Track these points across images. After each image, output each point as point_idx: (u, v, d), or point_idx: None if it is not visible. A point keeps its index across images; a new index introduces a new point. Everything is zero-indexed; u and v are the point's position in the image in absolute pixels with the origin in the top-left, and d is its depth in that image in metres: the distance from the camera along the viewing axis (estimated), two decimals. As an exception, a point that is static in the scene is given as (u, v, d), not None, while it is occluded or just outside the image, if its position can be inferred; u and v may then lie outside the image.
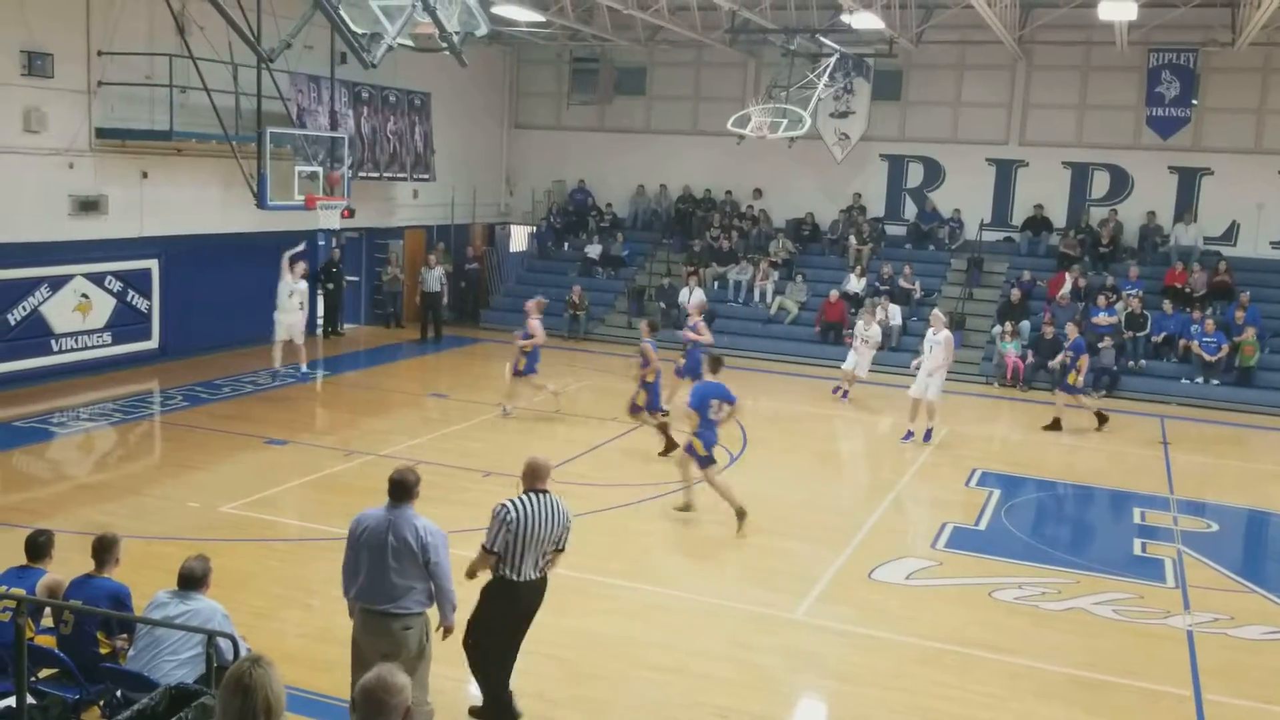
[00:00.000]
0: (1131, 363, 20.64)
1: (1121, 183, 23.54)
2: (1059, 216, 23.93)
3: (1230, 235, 22.88)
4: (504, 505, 6.69)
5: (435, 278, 22.93)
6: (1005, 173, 24.35)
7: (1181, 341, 20.57)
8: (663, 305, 23.48)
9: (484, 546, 6.71)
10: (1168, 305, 21.19)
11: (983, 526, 12.13)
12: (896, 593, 10.02)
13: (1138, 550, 11.58)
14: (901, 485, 13.77)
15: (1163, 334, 20.81)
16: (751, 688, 7.92)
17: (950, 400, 16.95)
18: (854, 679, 8.17)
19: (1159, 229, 23.18)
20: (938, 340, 15.61)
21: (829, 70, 21.97)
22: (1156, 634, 9.28)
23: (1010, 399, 19.76)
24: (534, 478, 6.83)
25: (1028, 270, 22.79)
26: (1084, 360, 16.85)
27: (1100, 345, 20.15)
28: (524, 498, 6.75)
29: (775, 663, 8.43)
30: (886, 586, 10.11)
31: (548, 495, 6.82)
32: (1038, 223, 23.97)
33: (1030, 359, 20.41)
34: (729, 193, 26.17)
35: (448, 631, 6.58)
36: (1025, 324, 21.43)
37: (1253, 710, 7.98)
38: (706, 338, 16.83)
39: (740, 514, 11.13)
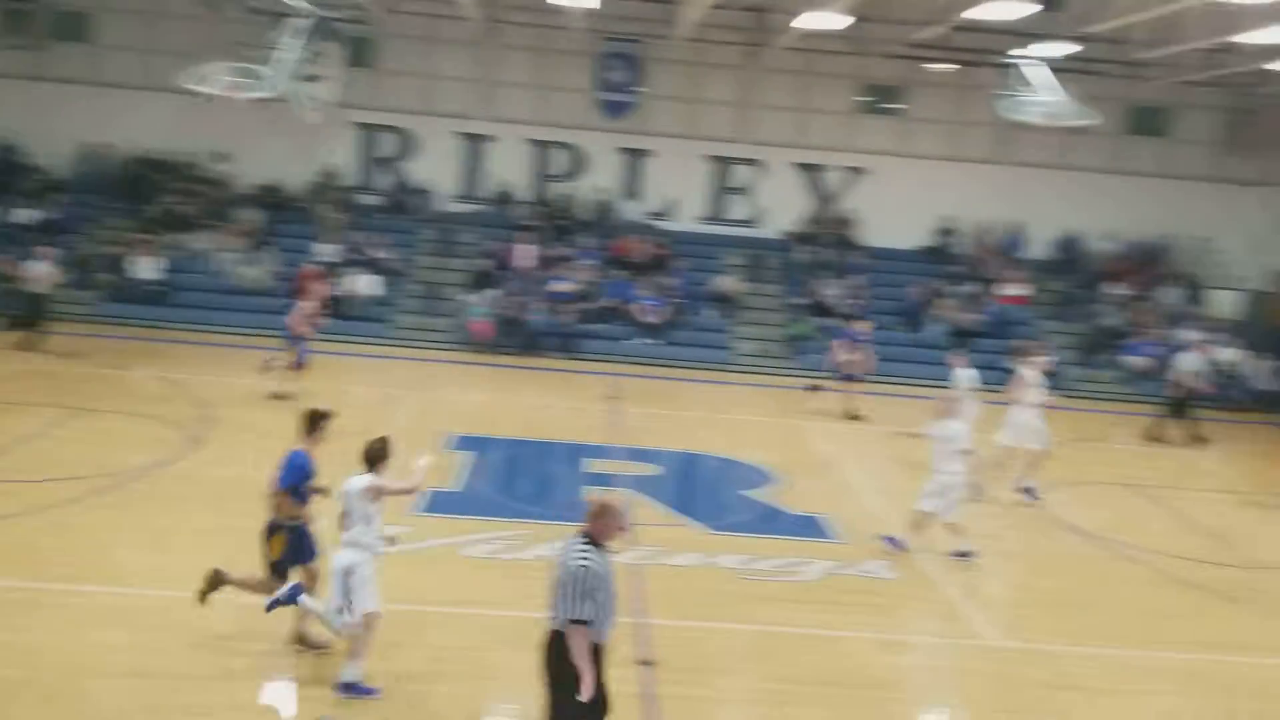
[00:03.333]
0: (588, 326, 22.52)
1: (578, 161, 25.44)
2: (523, 190, 25.35)
3: (668, 211, 25.68)
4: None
5: None
6: (474, 146, 25.27)
7: (628, 306, 22.83)
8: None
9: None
10: (618, 274, 23.39)
11: (459, 488, 12.67)
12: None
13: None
14: (379, 453, 13.92)
15: (613, 300, 22.95)
16: (222, 681, 7.66)
17: (425, 367, 17.41)
18: (325, 653, 8.18)
19: (610, 204, 25.41)
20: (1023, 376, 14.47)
21: (298, 32, 21.30)
22: (608, 571, 10.34)
23: (480, 364, 20.71)
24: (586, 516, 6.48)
25: (495, 241, 23.92)
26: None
27: (562, 312, 21.84)
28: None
29: (250, 650, 8.21)
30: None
31: (577, 539, 6.50)
32: (504, 196, 25.20)
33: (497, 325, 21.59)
34: (188, 155, 24.48)
35: None
36: (493, 292, 22.54)
37: (685, 627, 9.21)
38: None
39: None
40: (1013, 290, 24.04)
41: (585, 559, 6.24)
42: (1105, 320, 24.00)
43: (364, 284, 22.19)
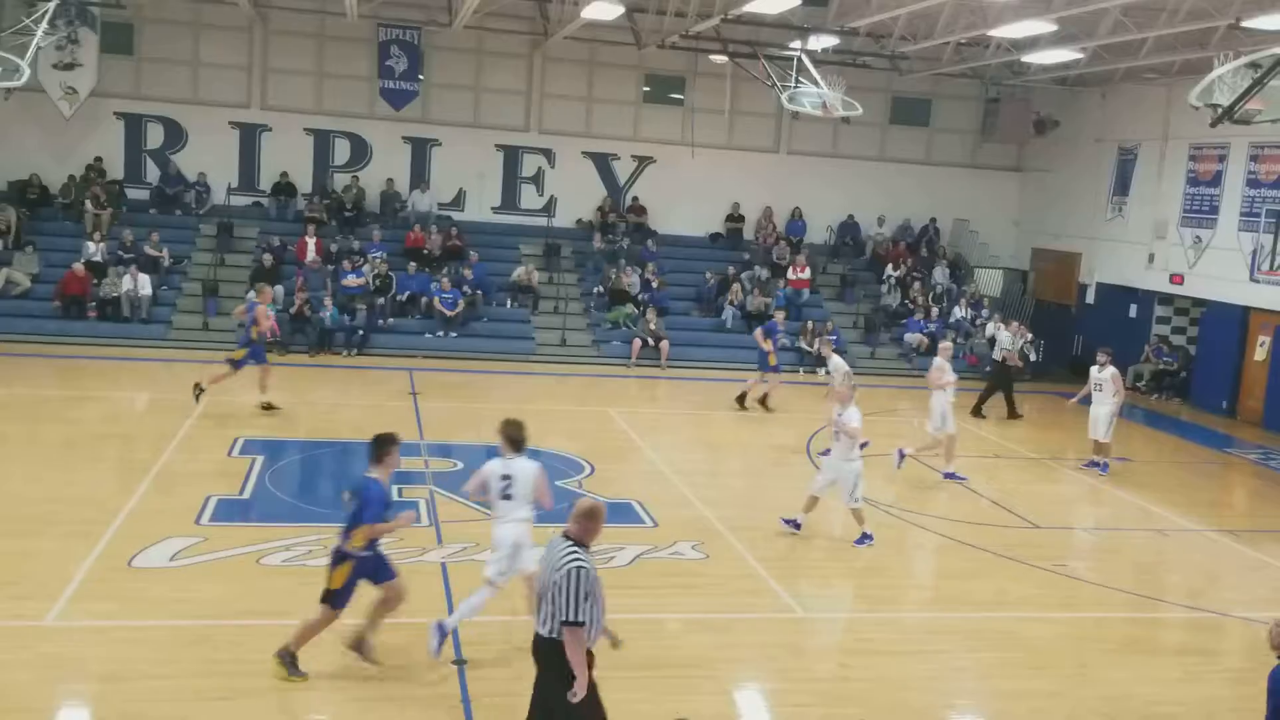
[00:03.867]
0: (381, 321, 21.95)
1: (361, 150, 24.73)
2: (305, 182, 24.44)
3: (459, 201, 25.34)
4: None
5: None
6: (250, 136, 24.17)
7: (424, 299, 22.38)
8: None
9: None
10: (411, 267, 22.88)
11: (247, 495, 12.11)
12: (161, 577, 9.60)
13: (395, 496, 12.40)
14: (161, 463, 13.14)
15: (407, 293, 22.45)
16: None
17: (208, 370, 16.54)
18: (117, 677, 7.69)
19: (398, 195, 24.83)
20: (1104, 377, 15.59)
21: (48, 16, 19.75)
22: (415, 570, 10.06)
23: (272, 363, 19.81)
24: (571, 517, 6.22)
25: (277, 235, 22.96)
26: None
27: (353, 307, 21.20)
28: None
29: (26, 678, 7.60)
30: (150, 572, 9.65)
31: (562, 542, 6.14)
32: (285, 188, 24.22)
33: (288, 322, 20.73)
34: (-74, 148, 22.41)
35: None
36: (279, 288, 21.61)
37: (497, 623, 9.07)
38: None
39: None
40: (798, 274, 24.97)
41: (580, 560, 6.00)
42: (884, 300, 25.29)
43: (136, 283, 20.86)
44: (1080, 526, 13.11)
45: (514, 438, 8.37)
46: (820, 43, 20.63)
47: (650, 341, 22.23)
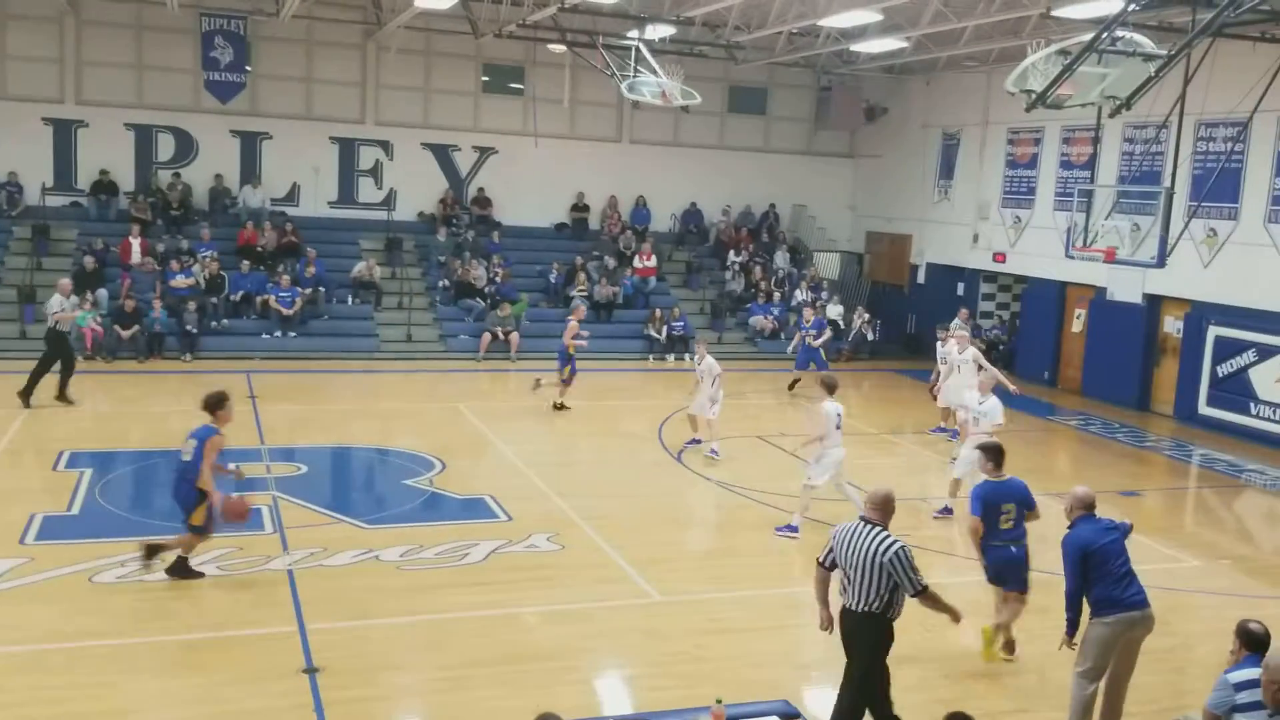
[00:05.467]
0: (214, 323, 21.10)
1: (187, 146, 23.69)
2: (127, 180, 23.27)
3: (293, 196, 24.55)
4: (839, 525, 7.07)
5: None
6: (65, 133, 22.87)
7: (260, 298, 21.61)
8: None
9: (817, 558, 7.17)
10: (245, 265, 22.06)
11: (76, 511, 11.49)
12: (-17, 602, 9.01)
13: (238, 504, 12.00)
14: (-23, 482, 12.35)
15: (241, 292, 21.64)
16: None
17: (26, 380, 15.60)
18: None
19: (228, 191, 23.89)
20: (946, 350, 16.46)
21: None
22: (260, 580, 9.78)
23: (95, 371, 18.85)
24: (869, 505, 6.95)
25: (99, 237, 21.80)
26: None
27: (184, 309, 20.33)
28: (854, 523, 6.92)
29: None
30: (-29, 598, 9.04)
31: (871, 528, 6.79)
32: (105, 186, 23.00)
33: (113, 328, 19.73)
34: None
35: None
36: (103, 291, 20.56)
37: (349, 628, 8.88)
38: None
39: None
40: (644, 262, 25.17)
41: (898, 540, 6.77)
42: (728, 286, 25.73)
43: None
44: (922, 497, 13.62)
45: (831, 384, 11.77)
46: (657, 32, 20.81)
47: (499, 334, 22.05)
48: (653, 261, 25.27)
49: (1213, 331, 18.49)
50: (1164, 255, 14.79)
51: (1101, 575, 7.06)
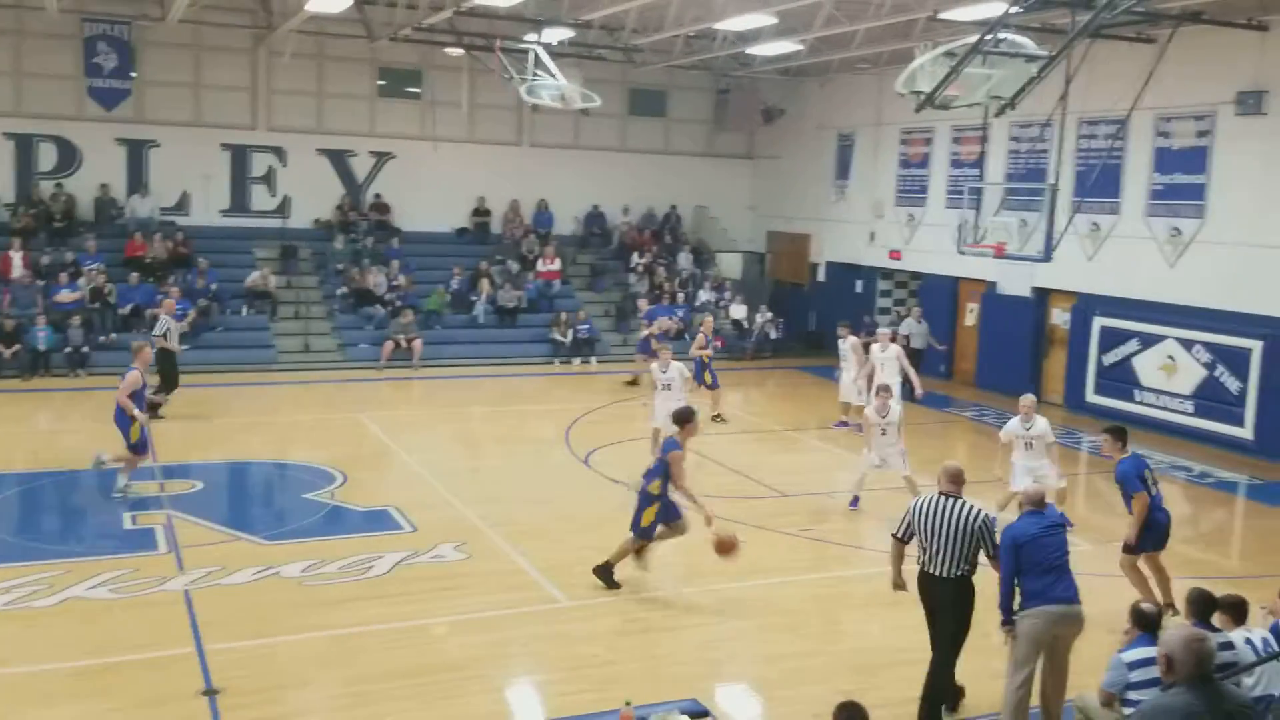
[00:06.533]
0: (102, 337, 20.41)
1: (70, 155, 22.87)
2: (5, 191, 22.38)
3: (183, 205, 23.87)
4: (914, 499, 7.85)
5: None
6: (-64, 142, 21.89)
7: (150, 311, 20.95)
8: None
9: (893, 534, 7.89)
10: (134, 277, 21.39)
11: (-43, 537, 11.00)
12: None
13: (129, 524, 11.62)
14: None
15: (130, 305, 20.97)
16: None
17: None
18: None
19: (114, 201, 23.12)
20: (846, 348, 17.21)
21: None
22: (156, 601, 9.48)
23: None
24: (945, 480, 7.60)
25: (-22, 250, 20.93)
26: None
27: (69, 325, 19.63)
28: (932, 496, 7.60)
29: None
30: None
31: (955, 500, 7.48)
32: (-18, 198, 22.09)
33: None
34: None
35: None
36: (-18, 308, 19.75)
37: (250, 647, 8.66)
38: None
39: None
40: (547, 266, 25.08)
41: (980, 507, 7.52)
42: (633, 288, 25.78)
43: None
44: (828, 492, 13.84)
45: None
46: (555, 35, 20.76)
47: (402, 342, 21.74)
48: (556, 265, 25.20)
49: (1098, 322, 19.16)
50: (1050, 249, 15.26)
51: (1030, 567, 7.15)
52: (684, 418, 10.35)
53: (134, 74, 22.64)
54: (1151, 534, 9.67)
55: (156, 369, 16.16)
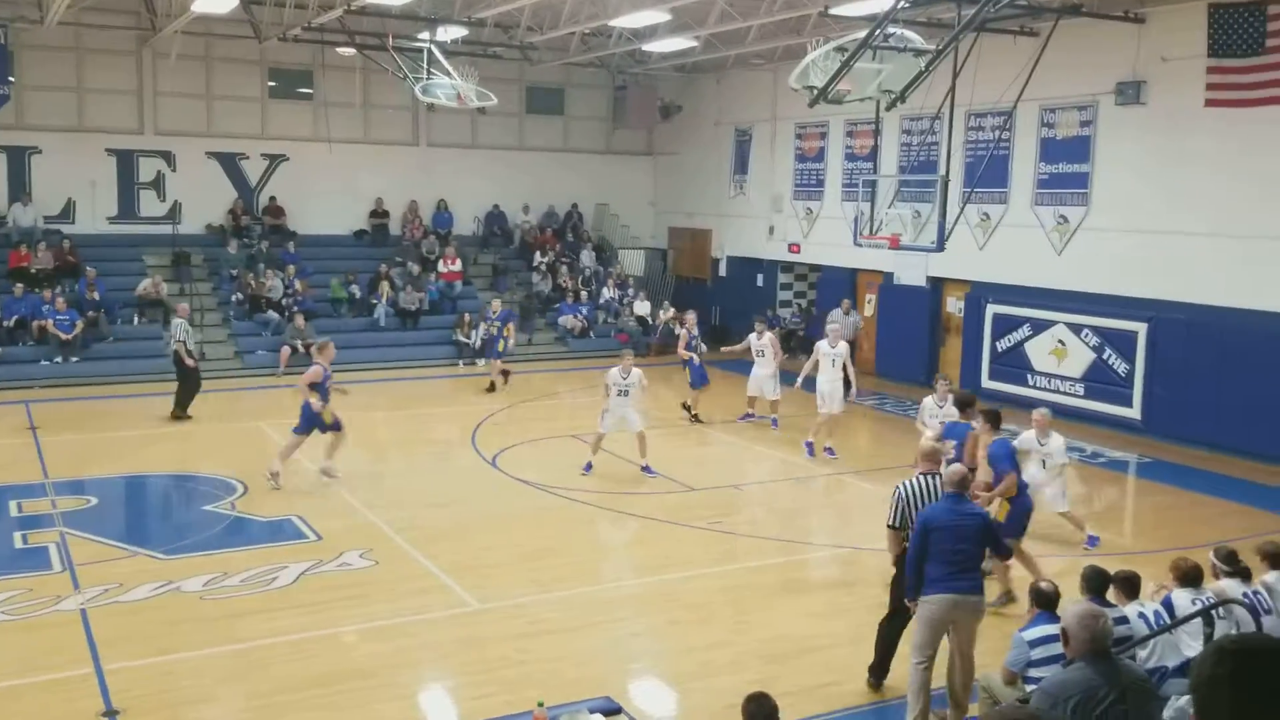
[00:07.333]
0: (-13, 352, 19.64)
1: (-57, 162, 21.92)
2: (-126, 200, 21.36)
3: (68, 213, 23.07)
4: (897, 485, 8.00)
5: None
6: None
7: (36, 323, 20.23)
8: None
9: (888, 524, 7.91)
10: (18, 288, 20.61)
11: None
12: None
13: (20, 544, 11.23)
14: None
15: (15, 317, 20.20)
16: None
17: None
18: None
19: (-6, 210, 22.24)
20: (763, 343, 17.24)
21: None
22: (51, 622, 9.17)
23: None
24: (924, 460, 8.03)
25: None
26: None
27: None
28: (916, 478, 7.89)
29: None
30: None
31: (938, 478, 7.78)
32: None
33: None
34: None
35: None
36: None
37: (151, 665, 8.44)
38: None
39: None
40: (448, 267, 24.85)
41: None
42: (536, 287, 25.70)
43: None
44: (735, 484, 14.00)
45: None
46: (449, 34, 20.58)
47: (300, 347, 21.31)
48: (458, 266, 24.99)
49: (991, 309, 19.73)
50: (943, 239, 15.66)
51: (935, 554, 7.16)
52: None
53: (12, 78, 21.78)
54: (1023, 516, 10.06)
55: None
